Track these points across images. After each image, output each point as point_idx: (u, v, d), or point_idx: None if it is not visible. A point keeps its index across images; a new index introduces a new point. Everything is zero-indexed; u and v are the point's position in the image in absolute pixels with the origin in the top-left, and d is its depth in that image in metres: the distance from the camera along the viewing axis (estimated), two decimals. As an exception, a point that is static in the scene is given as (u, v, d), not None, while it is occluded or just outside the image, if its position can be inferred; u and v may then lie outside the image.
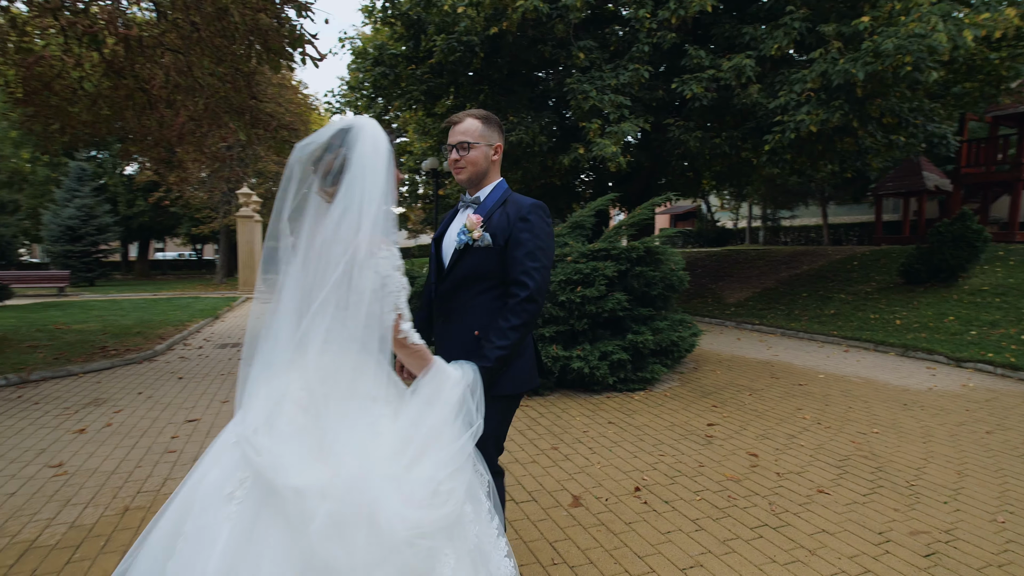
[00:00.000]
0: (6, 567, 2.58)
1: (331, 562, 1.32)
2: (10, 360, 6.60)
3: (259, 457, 1.40)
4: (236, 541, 1.35)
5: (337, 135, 1.60)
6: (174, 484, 3.48)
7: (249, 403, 1.53)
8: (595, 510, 3.14)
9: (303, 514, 1.34)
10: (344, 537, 1.34)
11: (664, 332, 5.83)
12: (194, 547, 1.38)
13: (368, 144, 1.57)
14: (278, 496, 1.36)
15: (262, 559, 1.32)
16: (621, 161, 8.70)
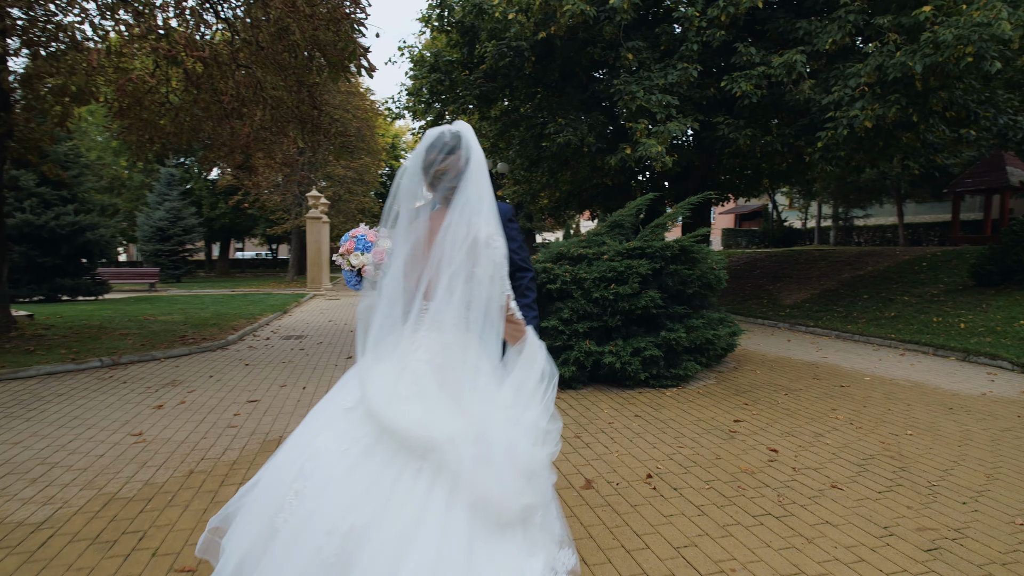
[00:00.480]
0: (93, 512, 3.07)
1: (487, 494, 1.59)
2: (105, 346, 7.44)
3: (406, 417, 1.64)
4: (371, 490, 1.58)
5: (454, 138, 1.81)
6: (233, 454, 3.94)
7: (368, 376, 1.74)
8: (604, 492, 3.32)
9: (458, 458, 1.60)
10: (494, 472, 1.61)
11: (699, 330, 5.88)
12: (318, 497, 1.60)
13: (478, 148, 1.81)
14: (432, 449, 1.60)
15: (408, 504, 1.55)
16: (667, 161, 8.72)
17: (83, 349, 7.09)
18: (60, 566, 2.55)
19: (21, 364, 6.17)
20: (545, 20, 9.51)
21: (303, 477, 1.67)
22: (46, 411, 4.88)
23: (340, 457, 1.66)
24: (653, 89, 9.03)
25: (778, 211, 33.64)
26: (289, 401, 5.30)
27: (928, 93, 7.78)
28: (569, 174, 11.78)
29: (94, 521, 2.96)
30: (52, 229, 15.68)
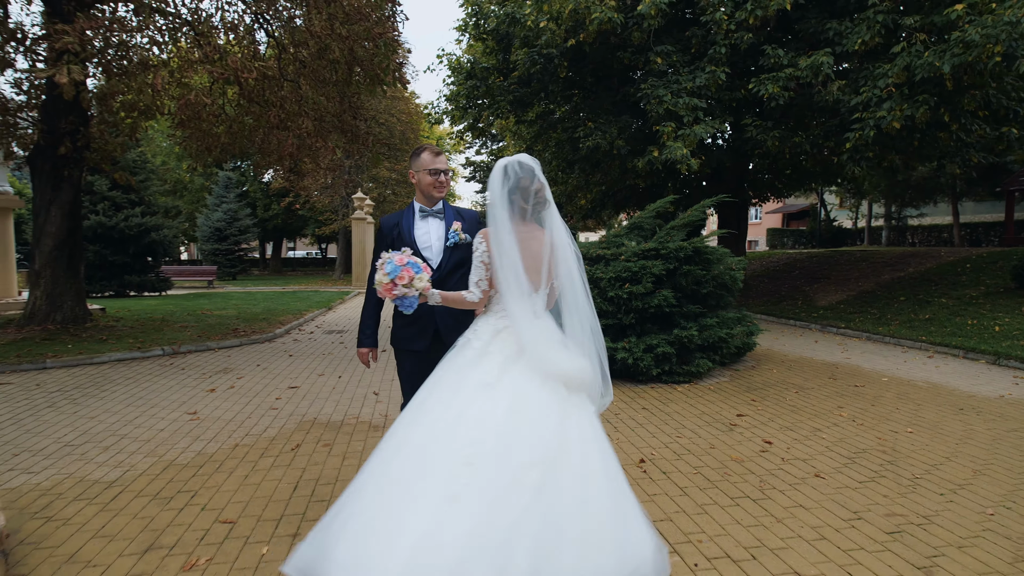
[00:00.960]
0: (154, 475, 3.60)
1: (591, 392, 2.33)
2: (166, 337, 8.20)
3: (561, 357, 2.22)
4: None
5: (533, 170, 2.35)
6: (273, 431, 4.44)
7: (527, 337, 2.25)
8: (598, 473, 3.64)
9: (591, 381, 2.32)
10: (597, 386, 2.38)
11: (712, 329, 6.08)
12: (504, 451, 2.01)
13: None
14: (578, 376, 2.24)
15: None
16: (692, 163, 8.87)
17: (147, 339, 7.85)
18: (128, 515, 3.06)
19: (95, 351, 6.93)
20: (575, 28, 9.81)
21: (473, 444, 2.01)
22: (116, 391, 5.54)
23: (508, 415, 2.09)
24: (681, 92, 9.19)
25: (827, 211, 32.68)
26: (325, 388, 5.81)
27: (960, 92, 7.68)
28: (600, 176, 12.01)
29: (155, 481, 3.49)
30: (122, 230, 16.99)
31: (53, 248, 7.80)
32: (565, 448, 2.04)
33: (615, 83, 11.71)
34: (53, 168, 7.66)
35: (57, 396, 5.38)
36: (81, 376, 6.15)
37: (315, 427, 4.55)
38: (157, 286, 18.39)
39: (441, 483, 1.93)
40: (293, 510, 3.12)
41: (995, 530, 2.96)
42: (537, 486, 1.91)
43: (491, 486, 1.91)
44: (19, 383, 5.86)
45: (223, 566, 2.56)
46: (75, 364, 6.59)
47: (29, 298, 7.94)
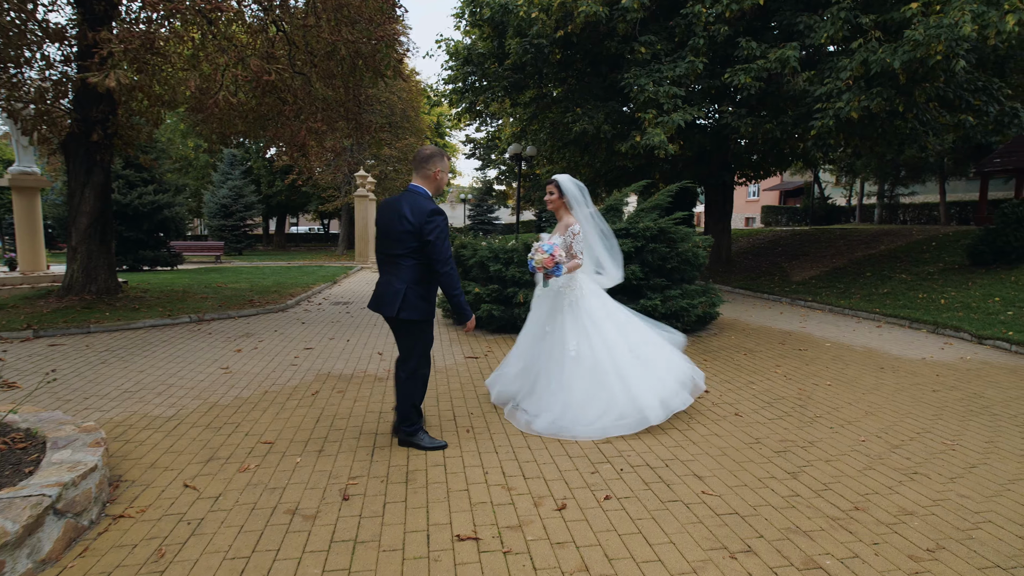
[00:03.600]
0: (203, 412, 4.49)
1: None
2: (190, 306, 9.07)
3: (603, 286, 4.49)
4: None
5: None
6: (295, 381, 5.32)
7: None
8: (560, 412, 4.51)
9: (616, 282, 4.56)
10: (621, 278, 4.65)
11: (674, 299, 6.92)
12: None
13: None
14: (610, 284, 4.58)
15: None
16: (670, 148, 9.61)
17: (174, 309, 8.72)
18: (188, 438, 3.95)
19: (131, 318, 7.81)
20: (564, 19, 10.44)
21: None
22: (156, 351, 6.43)
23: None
24: (662, 81, 9.87)
25: (822, 188, 33.25)
26: (336, 349, 6.69)
27: (913, 85, 8.37)
28: (588, 158, 12.71)
29: (204, 416, 4.38)
30: (136, 207, 17.79)
31: (88, 226, 8.62)
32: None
33: (605, 70, 12.36)
34: (87, 153, 8.44)
35: (107, 355, 6.26)
36: (122, 339, 7.03)
37: (330, 379, 5.43)
38: (169, 261, 19.26)
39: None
40: (317, 435, 4.00)
41: (860, 451, 3.83)
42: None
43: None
44: (70, 344, 6.75)
45: (268, 469, 3.45)
46: (115, 329, 7.47)
47: (67, 271, 8.80)
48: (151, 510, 2.94)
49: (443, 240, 3.44)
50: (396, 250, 3.50)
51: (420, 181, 3.61)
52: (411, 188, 3.59)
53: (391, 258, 3.55)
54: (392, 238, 3.51)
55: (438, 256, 3.43)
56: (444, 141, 46.03)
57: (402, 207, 3.47)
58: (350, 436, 3.99)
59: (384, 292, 3.58)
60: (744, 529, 2.80)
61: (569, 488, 3.22)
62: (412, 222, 3.41)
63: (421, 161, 3.62)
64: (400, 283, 3.50)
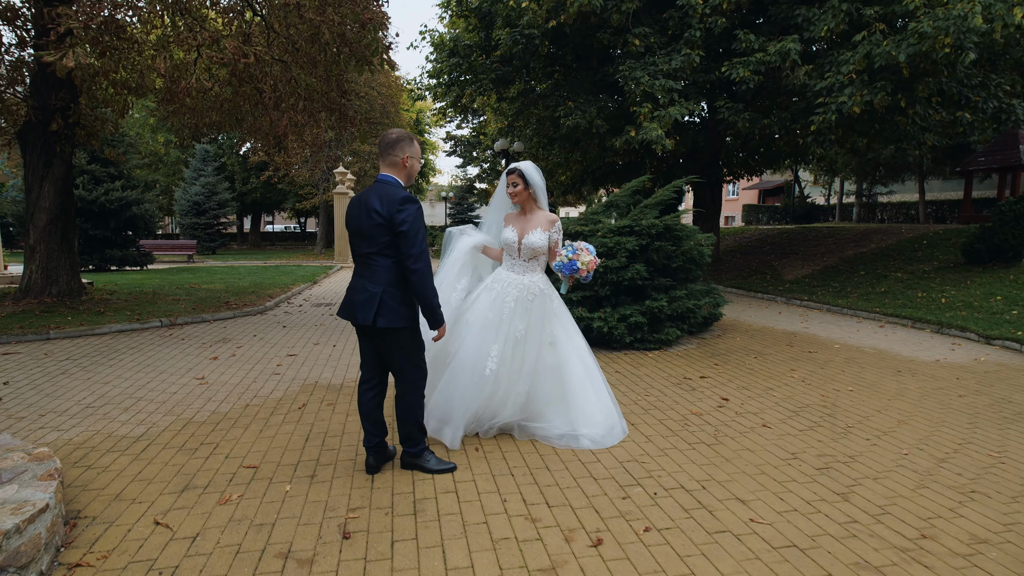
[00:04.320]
0: (176, 430, 4.00)
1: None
2: (161, 309, 8.47)
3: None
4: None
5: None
6: (279, 393, 4.85)
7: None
8: (574, 426, 4.13)
9: None
10: None
11: (680, 300, 6.59)
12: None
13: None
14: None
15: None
16: (667, 143, 9.30)
17: (144, 311, 8.12)
18: (159, 463, 3.47)
19: (95, 323, 7.21)
20: (556, 8, 10.07)
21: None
22: (123, 360, 5.87)
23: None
24: (657, 74, 9.56)
25: (801, 188, 33.50)
26: (322, 356, 6.22)
27: (916, 80, 8.19)
28: (579, 154, 12.37)
29: (178, 435, 3.89)
30: (102, 204, 16.93)
31: (47, 223, 7.98)
32: None
33: (595, 63, 12.02)
34: (45, 144, 7.79)
35: (67, 364, 5.70)
36: (85, 346, 6.45)
37: (318, 389, 4.96)
38: (139, 260, 18.41)
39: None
40: (308, 456, 3.55)
41: (907, 466, 3.53)
42: None
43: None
44: (27, 352, 6.15)
45: (254, 500, 2.99)
46: (78, 335, 6.87)
47: (24, 272, 8.14)
48: (115, 556, 2.47)
49: (416, 231, 3.01)
50: (367, 248, 3.08)
51: (388, 170, 3.15)
52: (380, 179, 3.15)
53: (364, 258, 3.12)
54: (363, 235, 3.07)
55: (409, 249, 2.98)
56: (424, 138, 45.34)
57: (371, 200, 3.04)
58: (345, 457, 3.55)
59: (355, 297, 3.12)
60: (808, 566, 2.44)
61: (601, 518, 2.84)
62: (382, 214, 2.98)
63: (387, 147, 3.15)
64: (374, 285, 3.06)
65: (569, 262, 3.72)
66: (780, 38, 9.13)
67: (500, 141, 15.44)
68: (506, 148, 15.19)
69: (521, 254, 3.83)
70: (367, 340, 3.25)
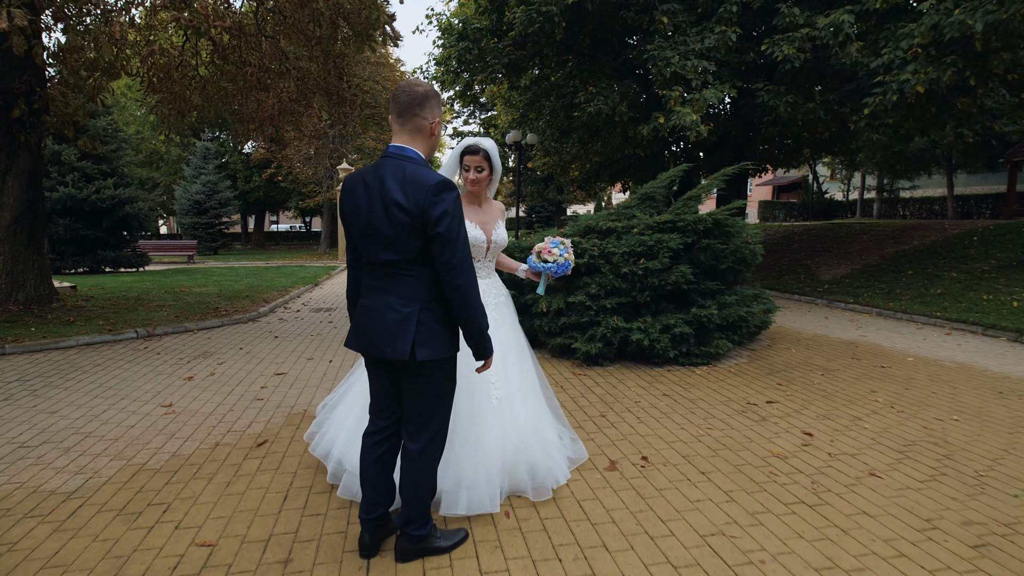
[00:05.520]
0: (122, 483, 3.12)
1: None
2: (141, 317, 7.62)
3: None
4: None
5: None
6: (258, 426, 3.97)
7: None
8: (629, 475, 3.23)
9: None
10: None
11: (732, 307, 5.68)
12: None
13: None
14: None
15: None
16: (702, 130, 8.37)
17: (120, 320, 7.27)
18: (87, 536, 2.59)
19: (61, 335, 6.36)
20: (577, -17, 9.15)
21: None
22: (82, 381, 5.01)
23: None
24: (688, 54, 8.62)
25: (819, 183, 32.41)
26: (315, 374, 5.34)
27: (988, 54, 7.22)
28: (600, 144, 11.47)
29: (122, 492, 3.02)
30: (93, 202, 16.13)
31: (11, 222, 7.14)
32: None
33: (615, 46, 11.08)
34: (7, 134, 6.96)
35: (15, 387, 4.85)
36: (44, 363, 5.60)
37: (306, 420, 4.08)
38: (134, 261, 17.63)
39: None
40: (283, 528, 2.67)
41: (1089, 540, 2.60)
42: None
43: None
44: (-26, 371, 5.30)
45: (200, 606, 2.11)
46: (38, 349, 6.03)
47: (-12, 276, 7.31)
48: None
49: (459, 232, 2.09)
50: (390, 254, 2.14)
51: (407, 139, 2.20)
52: (395, 153, 2.18)
53: (385, 268, 2.19)
54: (380, 237, 2.13)
55: (450, 258, 2.07)
56: (429, 135, 44.43)
57: (388, 186, 2.09)
58: (333, 529, 2.66)
59: (378, 320, 2.19)
60: None
61: (701, 644, 1.93)
62: (408, 207, 2.05)
63: (410, 104, 2.17)
64: (406, 303, 2.16)
65: (565, 262, 3.08)
66: (827, 12, 8.17)
67: (512, 133, 14.54)
68: (518, 140, 14.29)
69: (488, 254, 2.99)
70: (385, 375, 2.34)
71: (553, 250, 3.11)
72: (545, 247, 3.14)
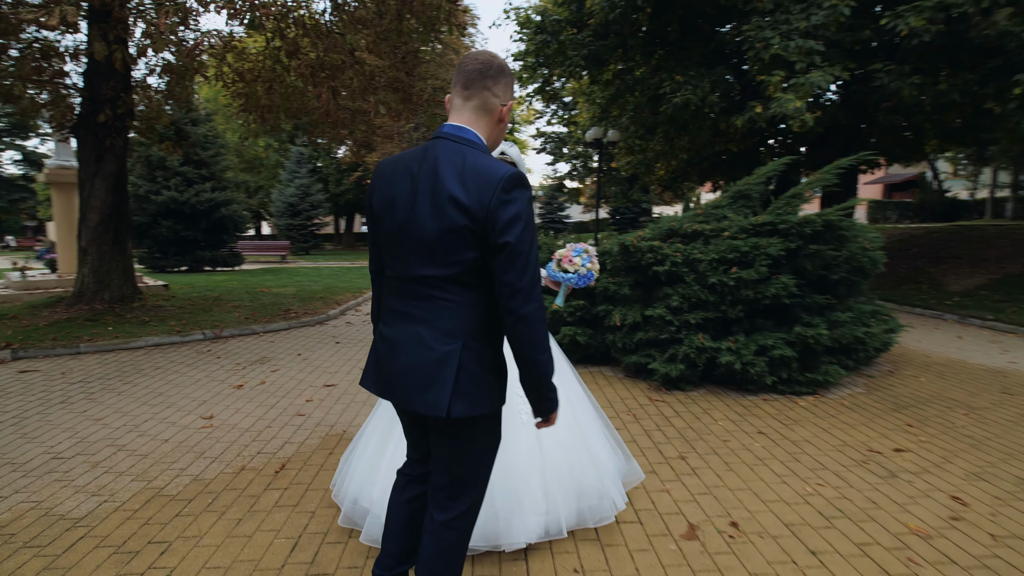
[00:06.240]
0: (131, 511, 2.84)
1: None
2: (213, 318, 7.69)
3: None
4: None
5: None
6: (291, 448, 3.62)
7: None
8: (713, 548, 2.54)
9: None
10: None
11: (846, 326, 4.74)
12: None
13: None
14: None
15: None
16: (807, 119, 7.32)
17: (191, 321, 7.35)
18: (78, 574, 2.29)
19: (133, 335, 6.45)
20: (663, -38, 8.36)
21: None
22: (138, 385, 4.94)
23: None
24: (792, 34, 7.59)
25: (939, 180, 29.01)
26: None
27: None
28: (687, 139, 10.54)
29: (128, 523, 2.72)
30: (193, 205, 17.11)
31: (98, 223, 7.41)
32: None
33: (707, 30, 10.12)
34: (95, 138, 7.21)
35: (76, 388, 4.84)
36: (111, 363, 5.64)
37: (341, 444, 3.68)
38: (229, 261, 18.56)
39: None
40: (281, 591, 2.23)
41: None
42: None
43: None
44: (46, 370, 5.40)
45: None
46: (109, 349, 6.12)
47: (77, 276, 7.64)
48: None
49: (531, 243, 1.56)
50: (429, 268, 1.60)
51: (470, 118, 1.65)
52: (451, 133, 1.63)
53: (415, 287, 1.65)
54: (419, 242, 1.59)
55: (517, 280, 1.53)
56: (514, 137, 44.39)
57: (442, 173, 1.56)
58: (337, 598, 2.19)
59: (406, 364, 1.65)
60: None
61: None
62: (468, 204, 1.52)
63: (482, 75, 1.64)
64: (444, 340, 1.61)
65: (587, 272, 2.58)
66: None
67: (592, 130, 13.84)
68: (599, 137, 13.57)
69: None
70: (415, 423, 1.85)
71: (575, 259, 2.60)
72: (566, 255, 2.62)
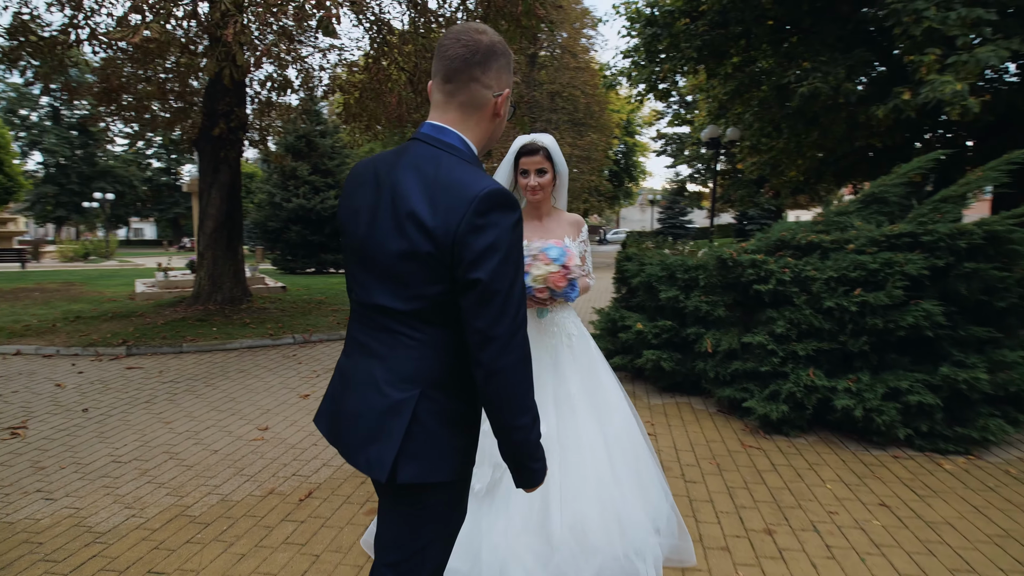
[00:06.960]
0: (149, 531, 2.75)
1: None
2: (309, 321, 7.94)
3: None
4: None
5: None
6: (327, 471, 3.42)
7: None
8: (788, 676, 1.88)
9: None
10: None
11: (1015, 368, 3.65)
12: None
13: None
14: None
15: None
16: (971, 103, 5.97)
17: (287, 325, 7.62)
18: (63, 608, 2.19)
19: (232, 336, 6.78)
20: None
21: None
22: (217, 388, 5.09)
23: None
24: (951, 2, 6.25)
25: None
26: (426, 405, 4.72)
27: None
28: (817, 135, 9.23)
29: (139, 546, 2.63)
30: (318, 212, 18.34)
31: (214, 230, 7.96)
32: None
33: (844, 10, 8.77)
34: (212, 150, 7.74)
35: (164, 388, 5.08)
36: (205, 364, 5.92)
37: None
38: (348, 264, 19.68)
39: None
40: (243, 660, 1.95)
41: None
42: None
43: None
44: (148, 368, 5.78)
45: None
46: (208, 350, 6.46)
47: (195, 279, 8.28)
48: None
49: (512, 281, 1.17)
50: (387, 298, 1.25)
51: (456, 117, 1.28)
52: (427, 134, 1.27)
53: (375, 317, 1.30)
54: (378, 266, 1.26)
55: (490, 327, 1.15)
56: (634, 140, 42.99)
57: (403, 185, 1.22)
58: None
59: (353, 406, 1.32)
60: None
61: None
62: (431, 226, 1.16)
63: (467, 62, 1.24)
64: (398, 384, 1.25)
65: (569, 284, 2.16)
66: None
67: (709, 128, 12.74)
68: (716, 136, 12.45)
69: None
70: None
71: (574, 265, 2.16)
72: (544, 255, 2.14)
